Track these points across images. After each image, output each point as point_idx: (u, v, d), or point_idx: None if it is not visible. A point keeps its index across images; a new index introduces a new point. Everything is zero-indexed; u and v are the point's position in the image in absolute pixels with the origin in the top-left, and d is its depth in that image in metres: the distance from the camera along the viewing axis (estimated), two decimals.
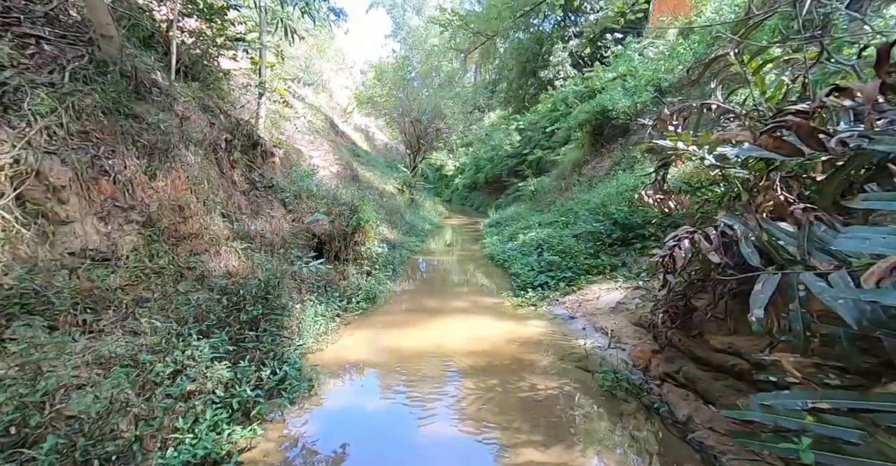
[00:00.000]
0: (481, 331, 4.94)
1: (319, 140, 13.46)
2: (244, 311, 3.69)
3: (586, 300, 5.67)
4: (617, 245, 6.85)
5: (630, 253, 6.57)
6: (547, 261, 7.10)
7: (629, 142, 11.78)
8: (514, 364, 4.05)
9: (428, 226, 13.90)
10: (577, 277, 6.34)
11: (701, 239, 2.92)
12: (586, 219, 8.20)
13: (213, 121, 5.50)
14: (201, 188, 4.40)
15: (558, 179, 14.15)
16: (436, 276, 8.08)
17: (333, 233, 6.04)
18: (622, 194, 7.76)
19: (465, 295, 6.49)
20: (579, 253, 6.83)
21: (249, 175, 6.25)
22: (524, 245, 8.85)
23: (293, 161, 8.54)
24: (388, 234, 9.98)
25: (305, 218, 6.14)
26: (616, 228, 7.03)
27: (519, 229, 10.85)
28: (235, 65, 7.76)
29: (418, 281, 7.63)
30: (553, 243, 7.78)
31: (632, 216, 6.88)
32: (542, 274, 6.87)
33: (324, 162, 12.25)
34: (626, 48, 16.31)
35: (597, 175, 11.86)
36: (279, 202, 6.28)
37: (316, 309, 4.59)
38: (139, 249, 3.50)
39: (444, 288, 6.94)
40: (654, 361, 3.77)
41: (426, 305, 5.97)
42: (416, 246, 10.50)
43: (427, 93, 17.90)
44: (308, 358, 3.92)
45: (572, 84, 18.64)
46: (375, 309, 5.62)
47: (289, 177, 7.44)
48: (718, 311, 3.32)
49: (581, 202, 9.65)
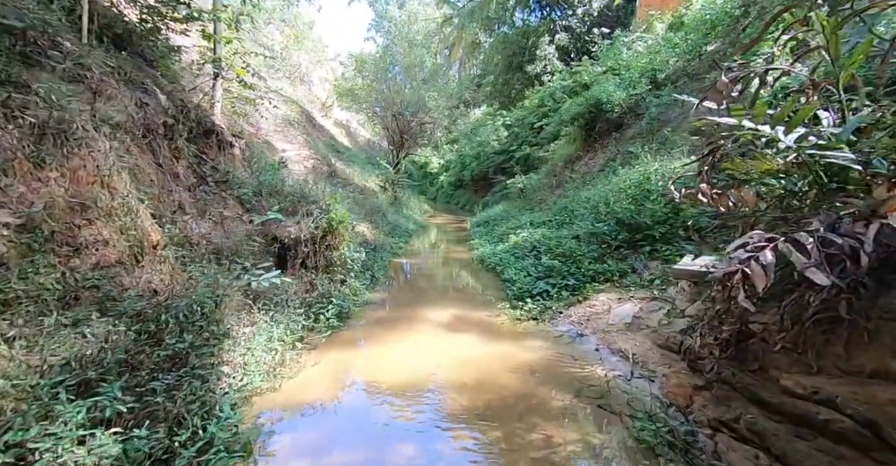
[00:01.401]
0: (476, 355, 4.06)
1: (293, 133, 12.37)
2: (163, 345, 2.71)
3: (595, 313, 4.84)
4: (623, 247, 6.05)
5: (639, 256, 5.77)
6: (545, 266, 6.26)
7: (624, 136, 11.06)
8: (519, 403, 3.18)
9: (412, 225, 12.95)
10: (582, 285, 5.52)
11: (790, 249, 2.09)
12: (586, 218, 7.40)
13: (145, 101, 4.45)
14: (119, 182, 3.38)
15: (549, 176, 13.37)
16: (421, 283, 7.16)
17: (300, 236, 5.07)
18: (626, 191, 6.97)
19: (455, 307, 5.59)
20: (582, 258, 6.01)
21: (199, 168, 5.22)
22: (517, 247, 8.01)
23: (259, 153, 7.49)
24: (369, 235, 9.01)
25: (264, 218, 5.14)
26: (621, 229, 6.23)
27: (509, 229, 10.01)
28: (194, 41, 6.67)
29: (401, 289, 6.70)
30: (551, 245, 6.95)
31: (638, 215, 6.09)
32: (541, 280, 6.03)
33: (297, 156, 11.18)
34: (615, 41, 15.64)
35: (590, 171, 11.11)
36: (235, 200, 5.27)
37: (272, 332, 3.63)
38: (8, 263, 2.48)
39: (429, 298, 6.03)
40: (699, 400, 2.95)
41: (409, 320, 5.05)
42: (399, 248, 9.55)
43: (410, 87, 16.90)
44: (254, 402, 2.96)
45: (560, 79, 17.91)
46: (349, 328, 4.67)
47: (252, 172, 6.41)
48: (791, 340, 2.51)
49: (578, 200, 8.85)
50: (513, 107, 20.86)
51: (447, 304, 5.72)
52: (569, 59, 19.71)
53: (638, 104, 11.12)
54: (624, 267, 5.58)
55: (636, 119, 11.07)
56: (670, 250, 5.51)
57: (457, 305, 5.68)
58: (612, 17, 19.38)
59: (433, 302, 5.80)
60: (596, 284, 5.43)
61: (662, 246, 5.66)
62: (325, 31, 47.83)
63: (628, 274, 5.51)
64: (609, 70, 13.86)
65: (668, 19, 14.89)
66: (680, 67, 10.98)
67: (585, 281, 5.55)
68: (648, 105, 10.44)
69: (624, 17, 19.66)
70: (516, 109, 20.36)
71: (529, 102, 19.25)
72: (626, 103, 10.95)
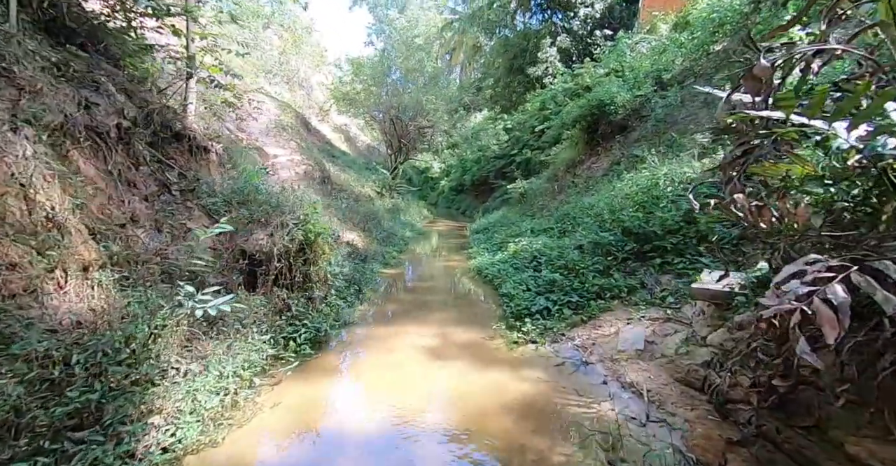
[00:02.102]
0: (467, 389, 3.50)
1: (286, 138, 11.91)
2: (68, 397, 2.17)
3: (602, 336, 4.27)
4: (630, 259, 5.48)
5: (649, 270, 5.20)
6: (546, 280, 5.70)
7: (628, 139, 10.50)
8: (516, 457, 2.62)
9: (409, 232, 12.42)
10: (587, 302, 4.94)
11: (870, 283, 1.53)
12: (589, 226, 6.84)
13: (95, 101, 3.95)
14: (43, 192, 2.86)
15: (550, 181, 12.82)
16: (411, 297, 6.60)
17: (272, 250, 4.54)
18: (632, 197, 6.41)
19: (447, 326, 5.04)
20: (586, 271, 5.44)
21: (163, 175, 4.71)
22: (516, 256, 7.45)
23: (242, 159, 7.00)
24: (360, 244, 8.48)
25: (237, 230, 4.62)
26: (628, 239, 5.66)
27: (509, 236, 9.46)
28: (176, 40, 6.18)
29: (388, 305, 6.14)
30: (552, 256, 6.39)
31: (647, 224, 5.53)
32: (541, 296, 5.46)
33: (289, 161, 10.70)
34: (619, 42, 15.14)
35: (593, 176, 10.55)
36: (202, 210, 4.75)
37: (222, 368, 3.08)
38: None
39: (419, 316, 5.48)
40: (734, 459, 2.37)
41: (394, 344, 4.50)
42: (392, 258, 9.01)
43: (409, 90, 16.45)
44: (185, 464, 2.41)
45: (561, 81, 17.42)
46: (323, 355, 4.12)
47: (230, 179, 5.91)
48: (858, 394, 1.95)
49: (580, 206, 8.30)
50: (514, 110, 20.38)
51: (438, 323, 5.16)
52: (570, 62, 19.23)
53: (643, 106, 10.57)
54: (632, 283, 5.01)
55: (641, 121, 10.53)
56: (683, 263, 4.94)
57: (449, 324, 5.13)
58: (615, 18, 18.90)
59: (423, 321, 5.25)
60: (602, 301, 4.85)
61: (674, 258, 5.09)
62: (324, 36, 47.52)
63: (637, 290, 4.93)
64: (612, 71, 13.36)
65: (671, 20, 14.41)
66: (687, 67, 10.44)
67: (590, 298, 4.98)
68: (654, 106, 9.89)
69: (626, 19, 19.17)
70: (517, 113, 19.87)
71: (531, 105, 18.75)
72: (630, 105, 10.41)
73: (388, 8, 27.59)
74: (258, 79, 17.53)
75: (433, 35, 22.68)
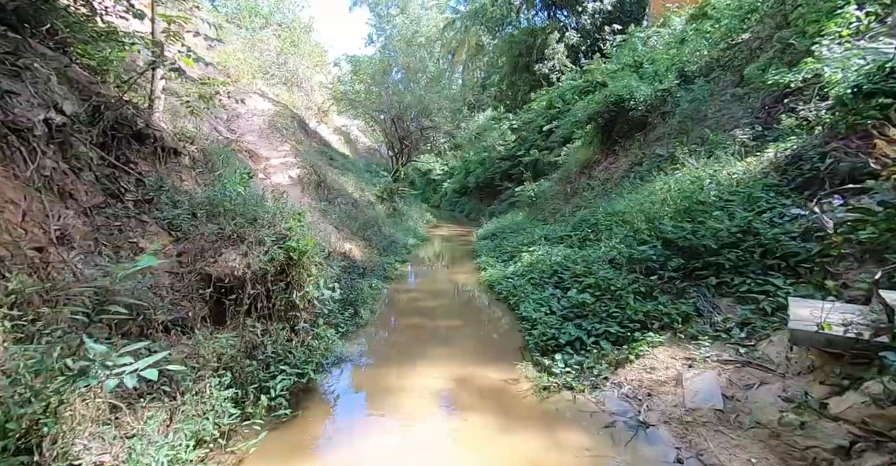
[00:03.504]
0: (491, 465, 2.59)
1: (281, 140, 11.04)
2: None
3: (657, 381, 3.34)
4: (677, 279, 4.54)
5: (702, 292, 4.27)
6: (574, 302, 4.78)
7: (649, 137, 9.57)
8: None
9: (411, 239, 11.52)
10: (630, 334, 4.01)
11: None
12: (618, 236, 5.91)
13: (12, 90, 3.07)
14: None
15: (562, 183, 11.90)
16: (416, 323, 5.65)
17: (245, 273, 3.64)
18: (670, 203, 5.48)
19: (458, 363, 4.13)
20: (624, 292, 4.51)
21: (115, 182, 3.82)
22: (533, 269, 6.54)
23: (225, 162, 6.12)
24: (357, 255, 7.58)
25: (203, 249, 3.71)
26: (673, 253, 4.73)
27: (521, 245, 8.54)
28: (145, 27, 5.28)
29: (388, 333, 5.23)
30: (577, 271, 5.47)
31: (696, 236, 4.59)
32: (570, 322, 4.54)
33: (282, 164, 9.82)
34: (631, 37, 14.24)
35: (611, 177, 9.63)
36: (161, 224, 3.85)
37: (154, 454, 2.17)
38: None
39: (425, 349, 4.56)
40: None
41: (395, 392, 3.59)
42: (395, 270, 8.10)
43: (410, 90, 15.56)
44: None
45: (569, 78, 16.52)
46: (303, 413, 3.19)
47: (205, 185, 5.04)
48: None
49: (602, 212, 7.37)
50: (519, 109, 19.47)
51: (448, 358, 4.25)
52: (579, 58, 18.32)
53: (664, 101, 9.64)
54: (685, 309, 4.06)
55: (663, 118, 9.59)
56: (746, 284, 4.01)
57: (461, 360, 4.21)
58: (626, 12, 17.98)
59: (429, 356, 4.34)
60: (649, 333, 3.92)
61: (733, 277, 4.15)
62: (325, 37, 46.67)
63: (692, 319, 4.00)
64: (625, 66, 12.44)
65: (686, 12, 13.50)
66: (713, 58, 9.50)
67: (634, 329, 4.04)
68: (679, 101, 8.95)
69: (636, 13, 18.26)
70: (523, 112, 18.96)
71: (537, 104, 17.85)
72: (650, 100, 9.47)
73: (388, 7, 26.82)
74: (255, 79, 16.75)
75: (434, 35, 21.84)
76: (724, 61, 9.25)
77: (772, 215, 4.51)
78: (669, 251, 4.79)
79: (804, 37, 6.78)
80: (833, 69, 5.50)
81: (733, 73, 8.85)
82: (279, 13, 20.41)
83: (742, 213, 4.52)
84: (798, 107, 6.06)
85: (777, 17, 8.33)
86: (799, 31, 7.15)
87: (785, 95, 6.67)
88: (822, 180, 4.73)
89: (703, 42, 9.83)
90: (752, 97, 7.73)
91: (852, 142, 4.86)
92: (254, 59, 17.48)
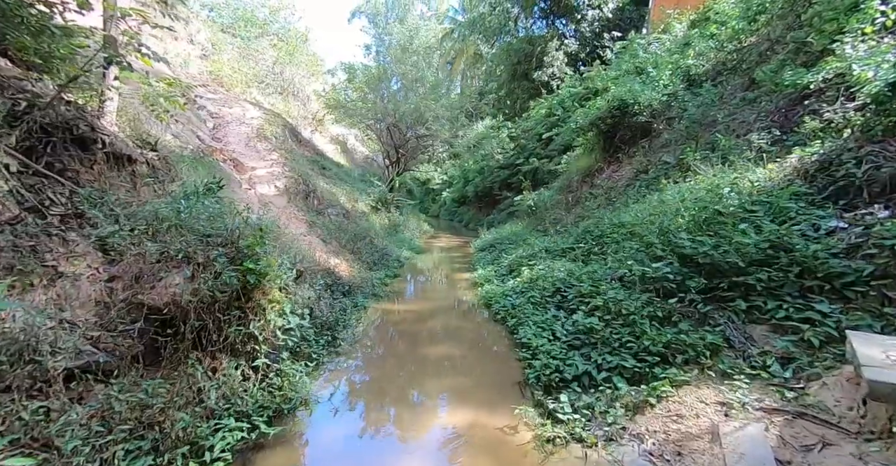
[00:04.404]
0: None
1: (269, 149, 10.52)
2: None
3: (687, 435, 2.70)
4: (699, 302, 3.91)
5: (729, 317, 3.64)
6: (581, 327, 4.15)
7: (654, 143, 9.01)
8: None
9: (406, 251, 10.90)
10: (648, 369, 3.37)
11: None
12: (626, 250, 5.30)
13: None
14: None
15: (563, 192, 11.32)
16: (403, 352, 4.99)
17: (190, 302, 3.03)
18: (685, 214, 4.87)
19: (446, 406, 3.49)
20: (638, 317, 3.88)
21: (40, 193, 3.24)
22: (533, 285, 5.92)
23: (194, 172, 5.55)
24: (344, 271, 6.97)
25: (141, 273, 3.11)
26: (692, 271, 4.11)
27: (521, 258, 7.92)
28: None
29: (368, 366, 4.56)
30: (583, 290, 4.85)
31: (718, 251, 3.97)
32: (576, 350, 3.91)
33: (268, 174, 9.28)
34: (632, 42, 13.82)
35: (615, 186, 9.04)
36: (92, 243, 3.26)
37: None
38: None
39: (407, 389, 3.92)
40: None
41: (372, 452, 2.95)
42: (384, 287, 7.47)
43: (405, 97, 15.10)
44: None
45: (569, 85, 16.07)
46: None
47: (158, 197, 4.45)
48: None
49: (608, 223, 6.77)
50: (518, 117, 19.02)
51: (435, 400, 3.61)
52: (578, 66, 17.91)
53: (669, 106, 9.12)
54: (712, 339, 3.43)
55: (668, 123, 9.05)
56: (784, 310, 3.38)
57: (451, 402, 3.57)
58: (625, 19, 17.61)
59: (414, 399, 3.69)
60: (672, 369, 3.28)
61: (767, 301, 3.53)
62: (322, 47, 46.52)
63: (721, 351, 3.37)
64: (625, 73, 11.97)
65: (687, 18, 13.11)
66: (720, 61, 8.99)
67: (652, 362, 3.41)
68: (686, 105, 8.42)
69: (636, 21, 17.90)
70: (522, 120, 18.50)
71: (535, 112, 17.39)
72: (656, 104, 8.94)
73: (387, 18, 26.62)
74: (250, 88, 16.34)
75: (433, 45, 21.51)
76: (732, 64, 8.75)
77: (803, 228, 3.91)
78: (687, 268, 4.17)
79: (823, 36, 6.26)
80: (862, 67, 4.95)
81: (742, 77, 8.34)
82: (275, 23, 20.16)
83: (770, 226, 3.92)
84: (821, 109, 5.53)
85: (788, 17, 7.84)
86: (815, 30, 6.62)
87: (803, 97, 6.13)
88: (860, 187, 4.15)
89: (710, 45, 9.32)
90: (765, 100, 7.18)
91: (891, 145, 4.28)
92: (249, 69, 17.13)
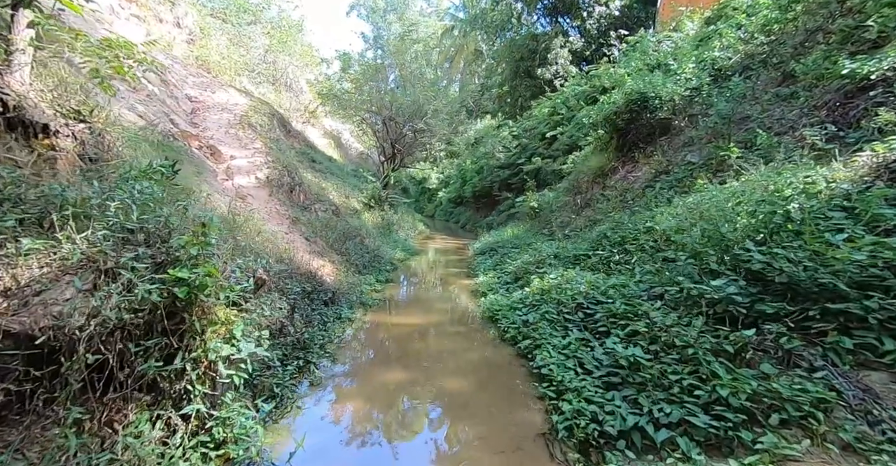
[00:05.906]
0: None
1: (252, 137, 9.47)
2: None
3: None
4: (784, 335, 2.98)
5: (827, 358, 2.71)
6: (619, 358, 3.21)
7: (675, 142, 8.13)
8: None
9: (399, 252, 9.90)
10: (728, 431, 2.43)
11: None
12: (664, 262, 4.37)
13: None
14: None
15: (570, 193, 10.40)
16: (385, 382, 3.96)
17: (87, 327, 2.03)
18: (758, 219, 3.93)
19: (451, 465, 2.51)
20: (700, 350, 2.94)
21: None
22: (547, 298, 4.98)
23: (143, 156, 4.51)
24: (328, 275, 5.96)
25: (10, 284, 2.10)
26: (762, 292, 3.19)
27: (527, 264, 6.99)
28: None
29: (345, 403, 3.55)
30: (615, 309, 3.91)
31: (810, 268, 3.04)
32: (616, 391, 2.97)
33: (249, 164, 8.24)
34: (643, 40, 13.01)
35: (631, 187, 8.14)
36: None
37: None
38: None
39: (397, 437, 2.94)
40: None
41: None
42: (374, 293, 6.47)
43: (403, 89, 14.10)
44: None
45: (574, 84, 15.21)
46: None
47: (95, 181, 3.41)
48: None
49: (633, 228, 5.85)
50: (520, 116, 18.12)
51: (435, 457, 2.63)
52: (582, 64, 17.07)
53: (691, 101, 8.26)
54: (814, 390, 2.49)
55: (690, 120, 8.18)
56: None
57: (455, 459, 2.60)
58: (633, 17, 16.81)
59: (406, 462, 2.71)
60: (767, 435, 2.33)
61: (881, 336, 2.61)
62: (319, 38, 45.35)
63: (832, 408, 2.43)
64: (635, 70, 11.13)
65: (700, 16, 12.34)
66: (748, 54, 8.14)
67: (736, 421, 2.46)
68: (711, 100, 7.55)
69: (644, 20, 17.12)
70: (524, 119, 17.60)
71: (538, 111, 16.51)
72: (678, 99, 8.07)
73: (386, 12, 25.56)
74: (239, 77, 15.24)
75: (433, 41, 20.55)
76: (762, 57, 7.91)
77: None
78: (756, 288, 3.25)
79: (888, 19, 5.43)
80: None
81: (774, 70, 7.49)
82: (269, 10, 19.09)
83: (869, 237, 3.00)
84: (888, 101, 4.70)
85: (831, 4, 7.00)
86: (871, 14, 5.80)
87: (861, 89, 5.29)
88: None
89: (738, 35, 8.48)
90: (804, 95, 6.33)
91: None
92: (239, 56, 16.02)
